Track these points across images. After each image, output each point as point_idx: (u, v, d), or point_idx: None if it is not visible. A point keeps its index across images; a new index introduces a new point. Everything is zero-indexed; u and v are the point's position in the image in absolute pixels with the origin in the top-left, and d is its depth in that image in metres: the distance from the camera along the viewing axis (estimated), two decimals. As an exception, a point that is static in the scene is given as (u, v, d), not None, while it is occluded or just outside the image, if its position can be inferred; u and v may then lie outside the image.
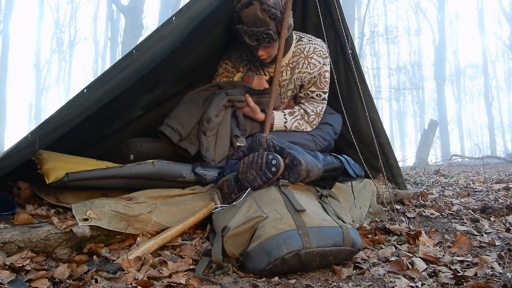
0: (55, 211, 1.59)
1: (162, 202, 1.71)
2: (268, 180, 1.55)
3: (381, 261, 1.43)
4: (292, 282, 1.21)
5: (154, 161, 1.81)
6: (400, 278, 1.23)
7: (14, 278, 1.11)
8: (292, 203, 1.41)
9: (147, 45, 1.58)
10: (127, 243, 1.49)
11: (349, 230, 1.36)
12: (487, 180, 3.96)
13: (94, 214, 1.42)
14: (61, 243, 1.33)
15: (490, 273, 1.25)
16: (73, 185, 1.62)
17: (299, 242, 1.24)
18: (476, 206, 2.29)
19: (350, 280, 1.25)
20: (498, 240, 1.65)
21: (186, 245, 1.49)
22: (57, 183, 1.57)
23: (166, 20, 1.64)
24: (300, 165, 1.54)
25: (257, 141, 1.75)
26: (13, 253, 1.24)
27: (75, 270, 1.21)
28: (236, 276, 1.26)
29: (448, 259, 1.40)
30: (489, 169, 7.51)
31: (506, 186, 3.23)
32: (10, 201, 1.59)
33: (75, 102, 1.48)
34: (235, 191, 1.65)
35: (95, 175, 1.66)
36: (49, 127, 1.45)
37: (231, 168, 1.92)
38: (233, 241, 1.34)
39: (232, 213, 1.49)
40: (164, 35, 1.60)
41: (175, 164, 1.89)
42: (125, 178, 1.73)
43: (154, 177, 1.79)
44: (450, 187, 3.58)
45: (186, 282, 1.17)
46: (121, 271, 1.24)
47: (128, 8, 14.30)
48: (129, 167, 1.73)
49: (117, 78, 1.55)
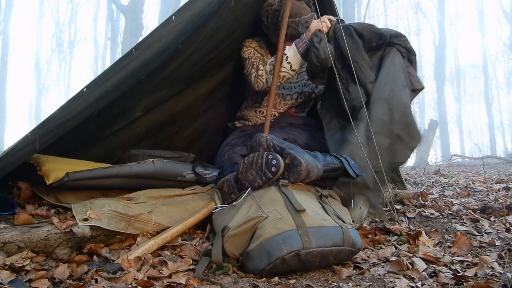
0: (55, 211, 1.60)
1: (162, 202, 1.71)
2: (268, 180, 1.55)
3: (381, 261, 1.43)
4: (292, 282, 1.21)
5: (154, 160, 1.81)
6: (400, 278, 1.23)
7: (14, 278, 1.11)
8: (292, 203, 1.41)
9: (147, 44, 1.59)
10: (127, 243, 1.49)
11: (349, 230, 1.36)
12: (487, 180, 3.96)
13: (94, 214, 1.42)
14: (61, 243, 1.33)
15: (490, 273, 1.25)
16: (74, 185, 1.62)
17: (299, 242, 1.24)
18: (476, 206, 2.29)
19: (350, 280, 1.25)
20: (498, 240, 1.65)
21: (186, 245, 1.49)
22: (58, 183, 1.57)
23: (166, 19, 1.64)
24: (300, 165, 1.54)
25: (257, 141, 1.75)
26: (13, 253, 1.24)
27: (75, 270, 1.21)
28: (236, 276, 1.26)
29: (448, 259, 1.40)
30: (489, 169, 7.51)
31: (506, 186, 3.23)
32: (10, 201, 1.59)
33: (75, 101, 1.48)
34: (235, 191, 1.65)
35: (95, 174, 1.67)
36: (49, 126, 1.45)
37: (231, 168, 1.92)
38: (233, 241, 1.34)
39: (232, 213, 1.49)
40: (164, 34, 1.61)
41: (175, 163, 1.90)
42: (125, 178, 1.73)
43: (154, 176, 1.79)
44: (450, 187, 3.58)
45: (186, 282, 1.17)
46: (121, 271, 1.24)
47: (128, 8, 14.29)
48: (129, 166, 1.74)
49: (117, 77, 1.55)
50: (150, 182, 1.80)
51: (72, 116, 1.50)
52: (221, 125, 2.66)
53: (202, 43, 2.00)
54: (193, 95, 2.37)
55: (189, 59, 2.04)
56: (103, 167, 1.74)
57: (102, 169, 1.71)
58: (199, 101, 2.44)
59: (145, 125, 2.27)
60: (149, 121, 2.26)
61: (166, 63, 1.95)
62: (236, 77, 2.49)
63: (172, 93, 2.24)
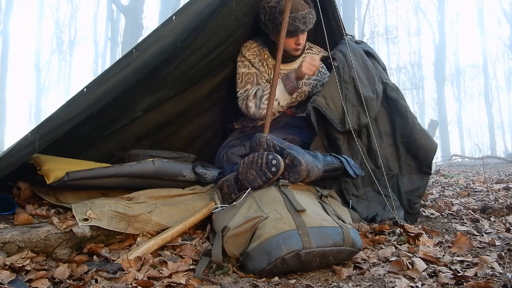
0: (55, 211, 1.60)
1: (162, 202, 1.71)
2: (268, 180, 1.55)
3: (381, 261, 1.43)
4: (292, 282, 1.21)
5: (154, 160, 1.81)
6: (400, 278, 1.23)
7: (14, 278, 1.11)
8: (292, 203, 1.41)
9: (147, 44, 1.59)
10: (127, 243, 1.49)
11: (349, 230, 1.36)
12: (487, 180, 3.96)
13: (94, 214, 1.42)
14: (61, 243, 1.33)
15: (490, 273, 1.25)
16: (74, 184, 1.62)
17: (299, 242, 1.24)
18: (476, 206, 2.29)
19: (350, 280, 1.25)
20: (498, 240, 1.65)
21: (186, 245, 1.49)
22: (58, 183, 1.57)
23: (166, 19, 1.64)
24: (300, 165, 1.54)
25: (257, 141, 1.75)
26: (13, 253, 1.24)
27: (75, 270, 1.22)
28: (236, 276, 1.26)
29: (448, 259, 1.40)
30: (489, 169, 7.51)
31: (506, 186, 3.23)
32: (10, 201, 1.59)
33: (75, 101, 1.48)
34: (235, 191, 1.65)
35: (95, 174, 1.67)
36: (49, 126, 1.45)
37: (231, 168, 1.92)
38: (233, 241, 1.34)
39: (232, 213, 1.49)
40: (164, 35, 1.61)
41: (175, 163, 1.89)
42: (125, 177, 1.73)
43: (155, 175, 1.79)
44: (450, 187, 3.58)
45: (186, 282, 1.17)
46: (121, 271, 1.24)
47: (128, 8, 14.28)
48: (130, 165, 1.74)
49: (117, 77, 1.55)
50: (150, 182, 1.80)
51: (72, 117, 1.50)
52: (221, 125, 2.66)
53: (201, 43, 2.00)
54: (194, 95, 2.36)
55: (189, 59, 2.04)
56: (103, 166, 1.74)
57: (102, 168, 1.71)
58: (200, 102, 2.43)
59: (145, 125, 2.26)
60: (149, 121, 2.26)
61: (166, 63, 1.95)
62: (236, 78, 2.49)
63: (172, 93, 2.24)
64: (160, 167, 1.80)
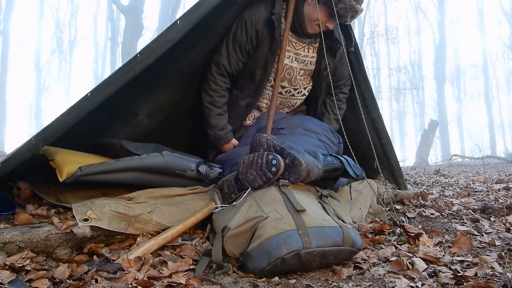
0: (55, 211, 1.60)
1: (163, 202, 1.71)
2: (268, 180, 1.55)
3: (381, 261, 1.43)
4: (292, 282, 1.21)
5: (162, 152, 1.81)
6: (400, 278, 1.23)
7: (14, 278, 1.11)
8: (292, 203, 1.41)
9: (151, 49, 1.61)
10: (128, 243, 1.49)
11: (349, 230, 1.36)
12: (487, 180, 3.96)
13: (94, 215, 1.42)
14: (61, 243, 1.33)
15: (490, 273, 1.25)
16: (87, 180, 1.60)
17: (299, 242, 1.24)
18: (476, 206, 2.29)
19: (350, 280, 1.25)
20: (498, 240, 1.65)
21: (186, 245, 1.49)
22: (71, 179, 1.56)
23: (171, 24, 1.67)
24: (300, 165, 1.54)
25: (257, 141, 1.75)
26: (13, 253, 1.24)
27: (75, 270, 1.22)
28: (236, 276, 1.26)
29: (448, 259, 1.40)
30: (489, 169, 7.51)
31: (506, 186, 3.23)
32: (10, 201, 1.59)
33: (78, 105, 1.50)
34: (235, 191, 1.65)
35: (108, 167, 1.66)
36: (53, 130, 1.47)
37: (231, 168, 1.92)
38: (233, 241, 1.34)
39: (232, 213, 1.49)
40: (168, 39, 1.63)
41: (182, 157, 1.89)
42: (137, 171, 1.72)
43: (166, 168, 1.79)
44: (450, 187, 3.58)
45: (186, 282, 1.17)
46: (121, 271, 1.24)
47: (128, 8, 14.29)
48: (140, 158, 1.74)
49: (121, 81, 1.57)
50: (161, 178, 1.80)
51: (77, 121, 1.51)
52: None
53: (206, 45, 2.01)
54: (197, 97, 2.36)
55: (192, 60, 2.05)
56: (113, 160, 1.73)
57: (114, 161, 1.69)
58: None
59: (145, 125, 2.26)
60: (150, 122, 2.25)
61: (170, 65, 1.96)
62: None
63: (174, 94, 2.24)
64: (169, 160, 1.80)
